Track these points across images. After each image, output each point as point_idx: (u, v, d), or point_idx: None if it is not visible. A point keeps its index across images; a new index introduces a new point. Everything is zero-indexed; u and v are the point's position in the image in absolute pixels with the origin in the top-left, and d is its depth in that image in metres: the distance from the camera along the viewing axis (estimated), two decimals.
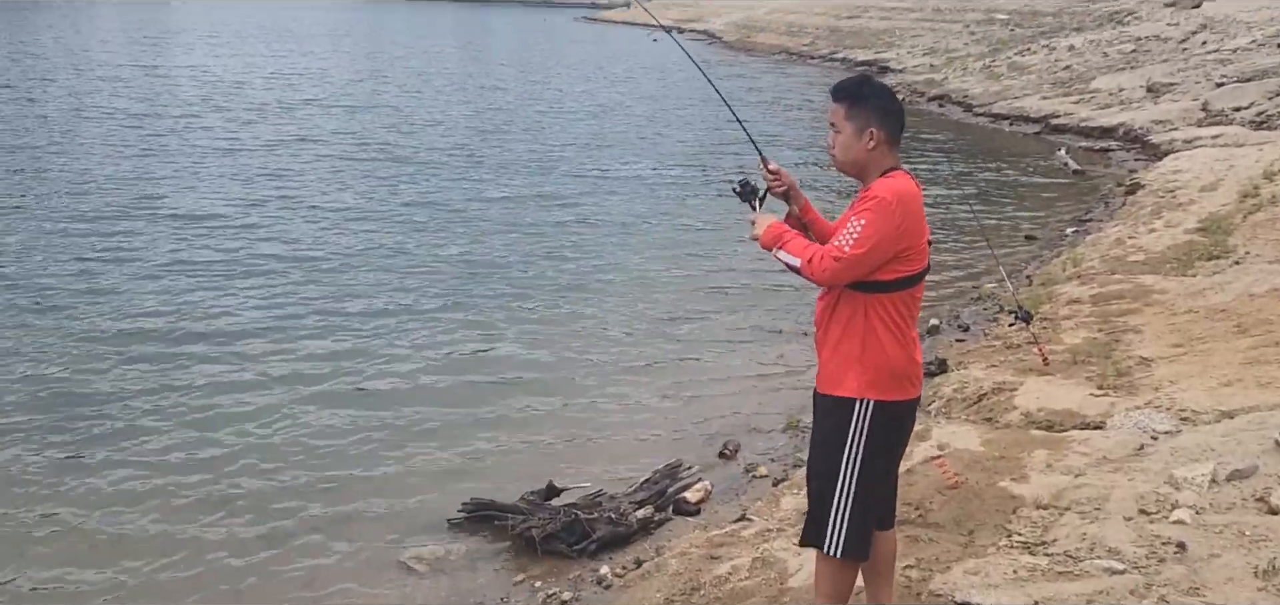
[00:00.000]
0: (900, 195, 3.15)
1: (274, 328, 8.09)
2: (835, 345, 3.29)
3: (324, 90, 24.25)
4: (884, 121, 3.27)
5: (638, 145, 17.51)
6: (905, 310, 3.25)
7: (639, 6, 5.31)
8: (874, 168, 3.27)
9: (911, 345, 3.29)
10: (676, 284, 9.74)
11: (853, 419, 3.25)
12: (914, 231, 3.19)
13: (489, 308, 8.79)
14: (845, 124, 3.28)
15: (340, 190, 12.92)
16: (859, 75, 3.45)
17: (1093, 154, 17.97)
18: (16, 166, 13.57)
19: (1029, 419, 5.64)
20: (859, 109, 3.27)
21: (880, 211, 3.12)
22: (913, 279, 3.24)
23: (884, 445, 3.32)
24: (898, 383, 3.27)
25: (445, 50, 41.81)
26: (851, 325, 3.24)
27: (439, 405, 6.84)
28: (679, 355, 7.94)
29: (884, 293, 3.20)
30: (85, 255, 9.69)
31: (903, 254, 3.16)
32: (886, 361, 3.22)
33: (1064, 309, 7.70)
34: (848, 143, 3.28)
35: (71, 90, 22.13)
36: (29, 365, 7.15)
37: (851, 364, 3.24)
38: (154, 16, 63.27)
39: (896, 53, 35.22)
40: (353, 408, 6.75)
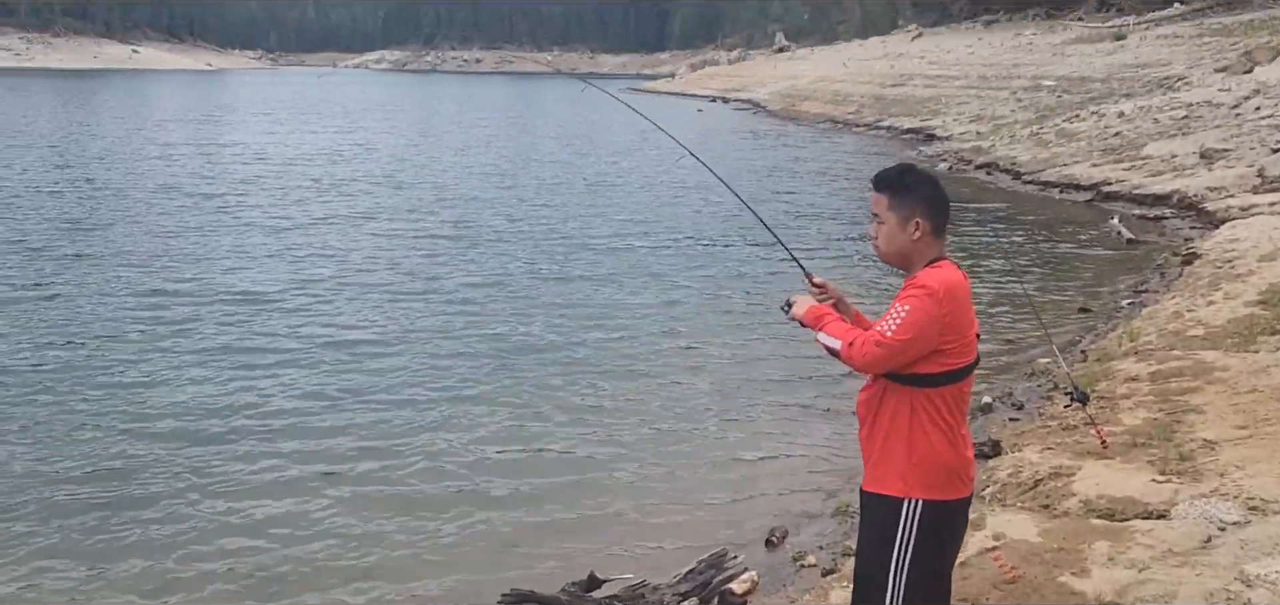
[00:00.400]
0: (948, 285, 3.07)
1: (315, 409, 8.05)
2: (881, 441, 3.18)
3: (372, 166, 24.61)
4: (930, 212, 3.20)
5: (682, 219, 17.46)
6: (954, 405, 3.14)
7: (684, 79, 5.22)
8: (919, 258, 3.19)
9: (961, 442, 3.17)
10: (720, 362, 9.61)
11: (901, 519, 3.13)
12: (961, 323, 3.09)
13: (531, 389, 8.69)
14: (888, 214, 3.21)
15: (386, 269, 12.94)
16: (901, 164, 3.38)
17: (1146, 222, 17.65)
18: (69, 248, 13.76)
19: (1088, 507, 5.42)
20: (903, 199, 3.20)
21: (926, 299, 3.04)
22: (961, 373, 3.13)
23: (935, 547, 3.18)
24: (948, 481, 3.14)
25: (493, 123, 42.24)
26: (897, 420, 3.13)
27: (479, 490, 6.74)
28: (723, 436, 7.79)
29: (931, 387, 3.10)
30: (132, 337, 9.75)
31: (949, 347, 3.07)
32: (935, 459, 3.10)
33: (1122, 387, 7.47)
34: (892, 233, 3.21)
35: (128, 169, 22.63)
36: (71, 447, 7.16)
37: (898, 461, 3.13)
38: (208, 92, 64.89)
39: (942, 120, 35.06)
40: (392, 492, 6.66)
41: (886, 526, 3.15)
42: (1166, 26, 43.89)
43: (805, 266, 3.69)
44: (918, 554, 3.13)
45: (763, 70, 70.81)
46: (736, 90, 61.17)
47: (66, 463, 6.90)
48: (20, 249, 13.60)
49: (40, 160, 23.96)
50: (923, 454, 3.10)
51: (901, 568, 3.13)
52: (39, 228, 15.15)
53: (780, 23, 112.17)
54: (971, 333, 3.17)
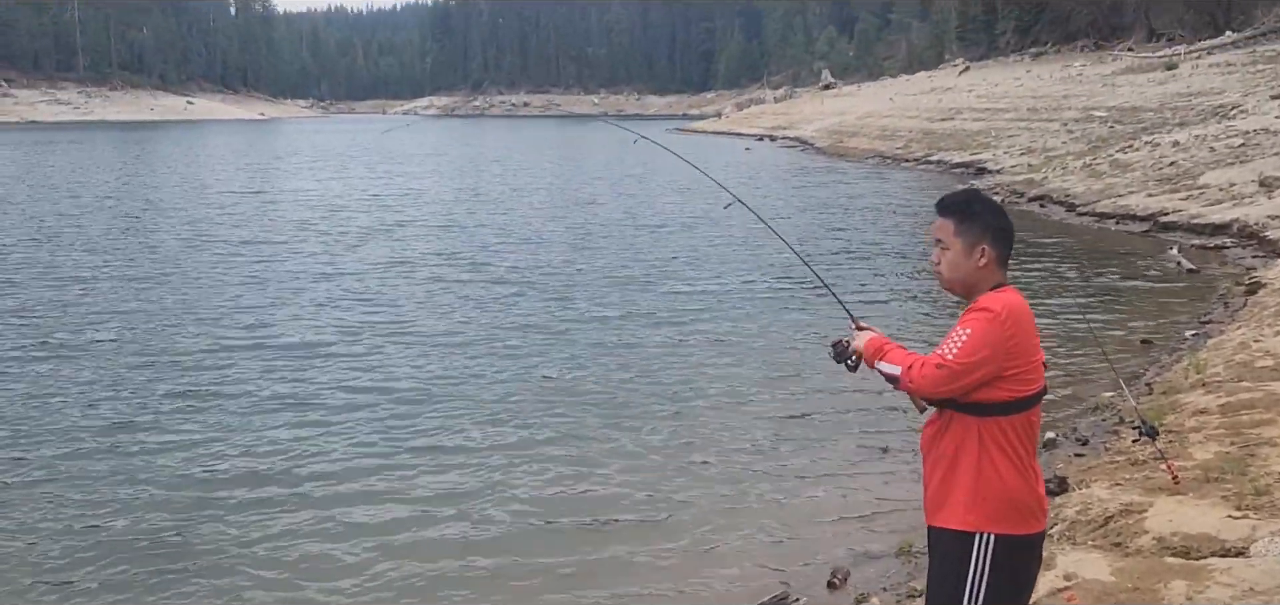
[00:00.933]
0: (1011, 307, 3.01)
1: (369, 460, 7.96)
2: (947, 474, 3.09)
3: (421, 210, 24.82)
4: (996, 239, 3.14)
5: (731, 259, 17.38)
6: (1023, 435, 3.05)
7: (730, 118, 5.21)
8: (983, 287, 3.12)
9: (1032, 475, 3.09)
10: (774, 402, 9.50)
11: (973, 555, 3.03)
12: (1026, 348, 3.02)
13: (585, 433, 8.62)
14: (954, 240, 3.15)
15: (437, 316, 12.85)
16: (967, 190, 3.33)
17: (1206, 252, 17.31)
18: (125, 301, 13.85)
19: (1162, 545, 5.27)
20: (970, 225, 3.14)
21: (989, 321, 2.98)
22: (1029, 401, 3.05)
23: (1009, 585, 3.07)
24: (1020, 515, 3.05)
25: (540, 165, 42.50)
26: (964, 452, 3.05)
27: (536, 534, 6.69)
28: (779, 476, 7.67)
29: (1000, 416, 3.01)
30: (188, 391, 9.67)
31: (1015, 372, 2.99)
32: (1005, 491, 3.01)
33: (1190, 420, 7.28)
34: (956, 260, 3.15)
35: (185, 219, 23.02)
36: (125, 502, 7.11)
37: (966, 495, 3.04)
38: (261, 140, 66.05)
39: (993, 153, 34.74)
40: (451, 545, 6.59)
41: (958, 563, 3.05)
42: (1218, 55, 43.28)
43: (851, 310, 3.65)
44: (991, 592, 3.03)
45: (809, 108, 70.77)
46: (784, 128, 61.14)
47: (120, 519, 6.82)
48: (77, 301, 13.76)
49: (98, 212, 24.49)
50: (992, 487, 3.01)
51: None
52: (96, 280, 15.33)
53: (825, 60, 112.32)
54: (1038, 359, 3.09)
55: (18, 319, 12.59)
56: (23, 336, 11.69)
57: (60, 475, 7.53)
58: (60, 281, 15.07)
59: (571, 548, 6.47)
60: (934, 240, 3.23)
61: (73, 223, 22.19)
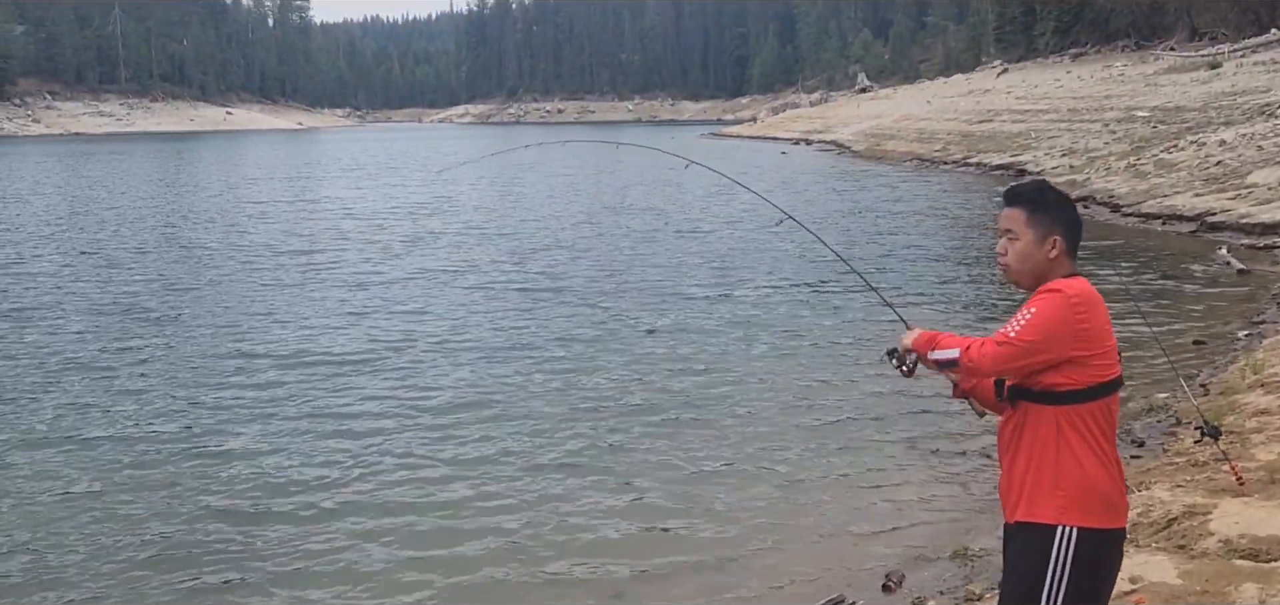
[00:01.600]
0: (1083, 292, 2.93)
1: (412, 476, 7.80)
2: (1026, 465, 3.00)
3: (461, 220, 24.62)
4: (1068, 230, 3.08)
5: (773, 263, 17.25)
6: (1103, 424, 2.96)
7: (765, 122, 5.15)
8: (1052, 276, 3.04)
9: (1115, 466, 2.99)
10: (822, 406, 9.38)
11: (1054, 549, 2.92)
12: (1099, 333, 2.93)
13: (634, 441, 8.52)
14: (1025, 230, 3.07)
15: (481, 328, 12.64)
16: (1037, 180, 3.25)
17: (1256, 252, 16.99)
18: (164, 310, 13.86)
19: (1229, 547, 5.13)
20: (1041, 215, 3.06)
21: (1058, 300, 2.90)
22: (1109, 386, 2.96)
23: (1090, 582, 2.95)
24: (1103, 507, 2.94)
25: (578, 174, 42.58)
26: (1042, 442, 2.96)
27: (589, 543, 6.59)
28: (830, 479, 7.58)
29: (1080, 403, 2.92)
30: (229, 406, 9.50)
31: (1090, 356, 2.91)
32: (1088, 481, 2.91)
33: (1251, 421, 7.12)
34: (1027, 250, 3.06)
35: (225, 227, 23.25)
36: (161, 516, 7.01)
37: (1047, 486, 2.95)
38: (300, 149, 66.67)
39: (1033, 155, 34.39)
40: (497, 549, 6.55)
41: (1038, 556, 2.95)
42: (1263, 52, 42.63)
43: (900, 312, 3.57)
44: (1072, 588, 2.92)
45: (845, 111, 70.48)
46: (819, 132, 60.88)
47: (170, 529, 6.76)
48: (117, 311, 13.78)
49: (139, 221, 24.76)
50: (1073, 477, 2.92)
51: (1054, 601, 2.93)
52: (135, 289, 15.39)
53: (861, 63, 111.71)
54: (1112, 344, 2.99)
55: (56, 333, 12.52)
56: (64, 350, 11.63)
57: (111, 486, 7.49)
58: (102, 294, 15.04)
59: (620, 553, 6.40)
60: (1003, 231, 3.14)
61: (113, 231, 22.43)
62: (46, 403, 9.58)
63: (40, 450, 8.24)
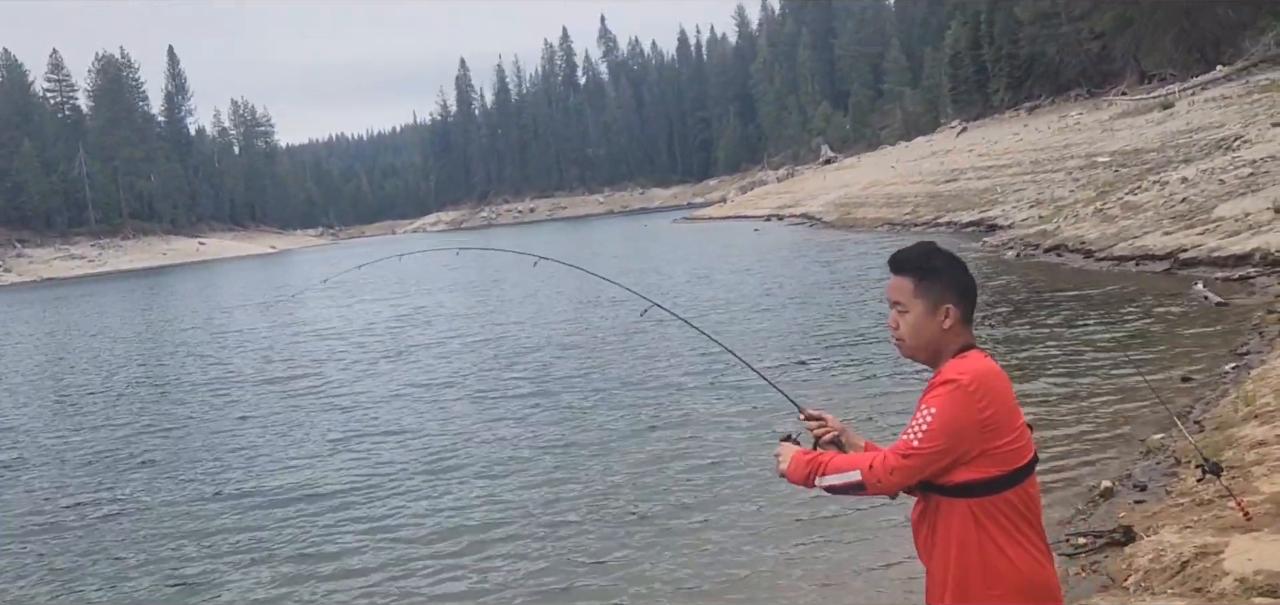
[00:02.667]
0: (979, 375, 2.74)
1: (418, 539, 8.16)
2: (950, 565, 2.80)
3: (442, 330, 24.27)
4: (960, 296, 2.88)
5: (755, 343, 17.31)
6: (1025, 509, 2.78)
7: (735, 202, 5.13)
8: (947, 349, 2.86)
9: (1043, 554, 2.81)
10: None
11: None
12: (1005, 418, 2.74)
13: (627, 527, 8.57)
14: (914, 302, 2.89)
15: (474, 444, 12.18)
16: (924, 243, 3.04)
17: (1231, 284, 17.18)
18: (139, 456, 13.17)
19: (1246, 585, 5.11)
20: (931, 282, 2.88)
21: (955, 395, 2.71)
22: (1024, 471, 2.78)
23: None
24: (1042, 598, 2.77)
25: (557, 272, 42.58)
26: (963, 539, 2.77)
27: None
28: (826, 545, 7.59)
29: (995, 494, 2.74)
30: (212, 553, 9.05)
31: (998, 447, 2.72)
32: (1019, 577, 2.74)
33: (1250, 454, 7.13)
34: (918, 323, 2.88)
35: (199, 362, 22.81)
36: None
37: (979, 587, 2.75)
38: (274, 273, 66.53)
39: (1001, 209, 34.82)
40: None
41: None
42: (1212, 89, 43.52)
43: (794, 398, 3.34)
44: None
45: (813, 184, 71.24)
46: (789, 206, 61.48)
47: None
48: (90, 462, 13.07)
49: (113, 363, 24.00)
50: (1003, 574, 2.73)
51: None
52: (111, 437, 14.69)
53: (823, 135, 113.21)
54: (1021, 423, 2.80)
55: (29, 490, 11.88)
56: (38, 509, 11.02)
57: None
58: (75, 447, 14.18)
59: None
60: (891, 302, 2.95)
61: (85, 379, 21.88)
62: (20, 563, 9.13)
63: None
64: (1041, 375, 12.35)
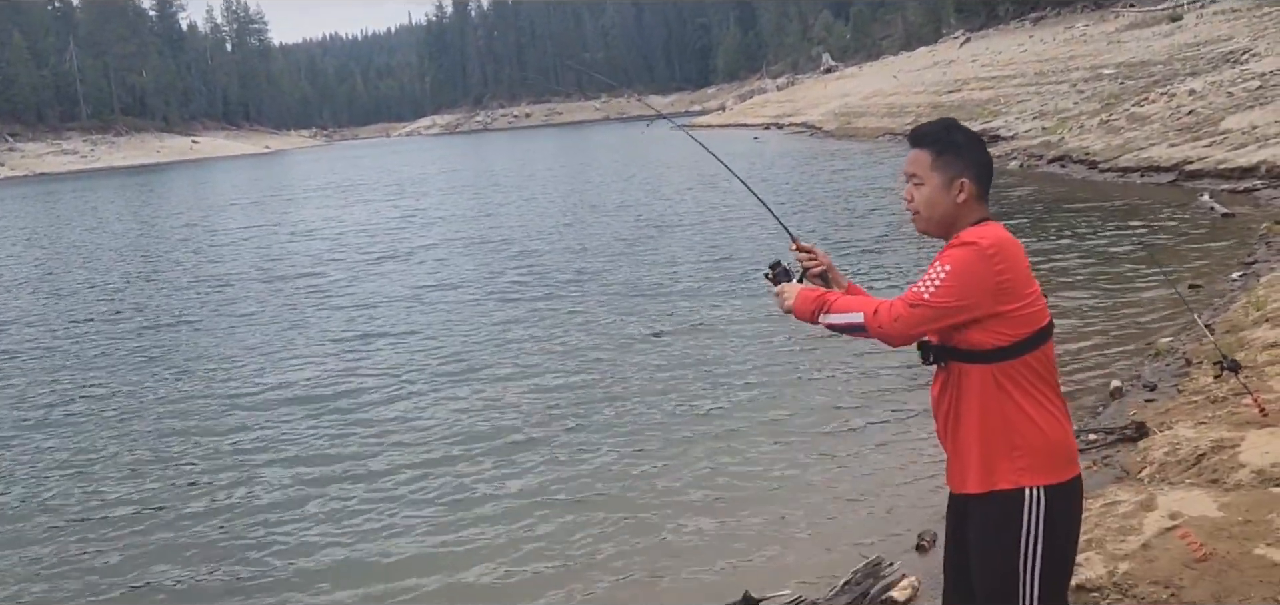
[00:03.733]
0: (999, 242, 2.73)
1: (431, 449, 8.06)
2: (974, 431, 2.80)
3: (443, 232, 24.09)
4: (977, 173, 2.87)
5: (753, 247, 17.25)
6: (1045, 371, 2.80)
7: (734, 110, 5.00)
8: (962, 224, 2.85)
9: (1063, 414, 2.83)
10: (831, 373, 9.38)
11: (1025, 516, 2.75)
12: (1020, 282, 2.75)
13: (642, 418, 8.61)
14: (931, 174, 2.87)
15: (481, 347, 12.06)
16: (944, 119, 3.02)
17: (1237, 195, 17.12)
18: (142, 352, 12.87)
19: (1263, 477, 5.12)
20: (948, 157, 2.87)
21: (972, 256, 2.71)
22: (1040, 336, 2.79)
23: (1064, 534, 2.82)
24: (1065, 460, 2.80)
25: (551, 177, 42.45)
26: (987, 403, 2.77)
27: (606, 517, 6.63)
28: (849, 450, 7.55)
29: (1015, 358, 2.75)
30: (217, 449, 8.87)
31: (1014, 310, 2.73)
32: (1043, 438, 2.76)
33: (1263, 355, 7.13)
34: (934, 196, 2.87)
35: (199, 259, 22.60)
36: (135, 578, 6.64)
37: (1003, 449, 2.77)
38: (270, 173, 66.09)
39: (1005, 120, 34.53)
40: (513, 526, 6.56)
41: (1009, 527, 2.77)
42: (1222, 2, 42.98)
43: (791, 228, 3.36)
44: (1048, 551, 2.76)
45: (813, 92, 70.65)
46: (790, 115, 60.98)
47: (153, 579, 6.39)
48: (89, 357, 12.82)
49: (110, 259, 23.57)
50: (1028, 436, 2.74)
51: (1032, 567, 2.77)
52: (109, 332, 14.43)
53: (823, 44, 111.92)
54: (1036, 289, 2.81)
55: (32, 383, 11.59)
56: (35, 400, 10.84)
57: (91, 544, 6.96)
58: (77, 343, 13.91)
59: (649, 532, 6.39)
60: (907, 175, 2.94)
61: (82, 270, 21.93)
62: (22, 456, 8.90)
63: (16, 512, 7.58)
64: (1049, 282, 12.34)
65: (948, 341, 2.83)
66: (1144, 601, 4.17)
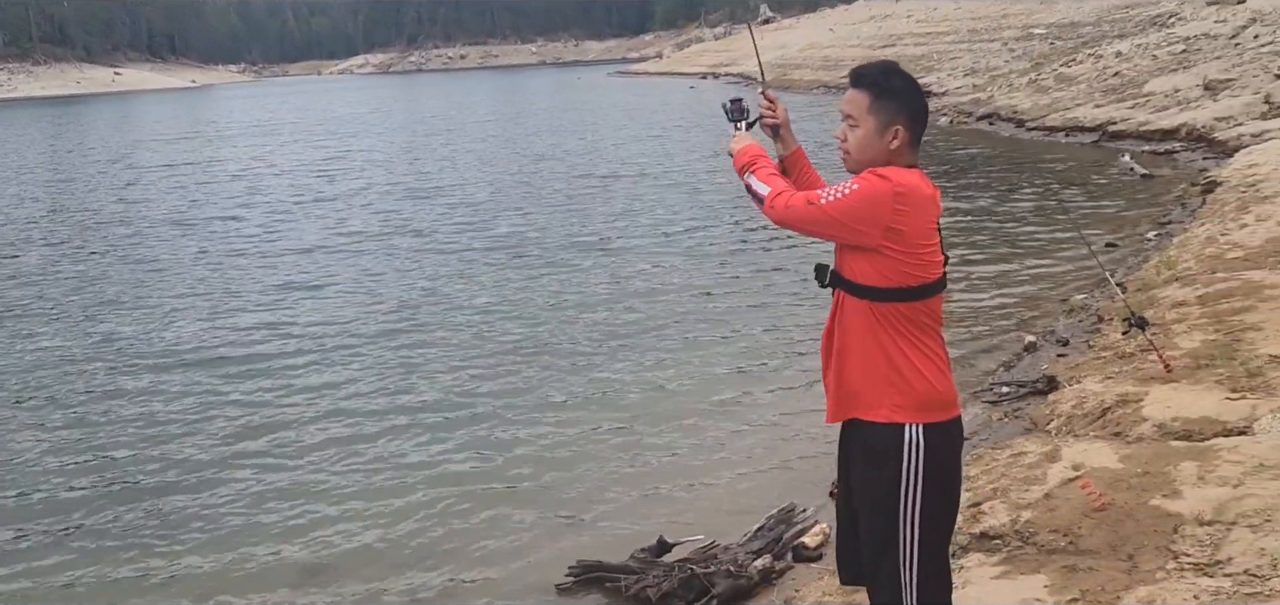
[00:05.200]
0: (910, 186, 2.75)
1: (362, 407, 7.94)
2: (855, 362, 2.85)
3: (375, 176, 23.44)
4: (912, 120, 2.86)
5: (689, 197, 17.27)
6: (928, 325, 2.83)
7: (671, 58, 4.94)
8: None
9: (944, 365, 2.87)
10: (750, 329, 9.47)
11: (905, 449, 2.79)
12: (917, 233, 2.76)
13: (568, 369, 8.62)
14: (867, 117, 2.85)
15: (410, 277, 12.39)
16: (885, 62, 2.99)
17: (1157, 157, 17.50)
18: (41, 303, 12.04)
19: (1164, 430, 5.27)
20: (885, 102, 2.84)
21: (879, 190, 2.72)
22: (929, 288, 2.81)
23: (946, 474, 2.87)
24: (939, 405, 2.84)
25: (490, 120, 42.02)
26: (867, 339, 2.82)
27: (529, 470, 6.62)
28: (769, 397, 7.67)
29: (896, 302, 2.78)
30: (137, 392, 9.01)
31: (899, 256, 2.75)
32: (921, 382, 2.80)
33: (1171, 313, 7.31)
34: (867, 140, 2.85)
35: (121, 198, 21.84)
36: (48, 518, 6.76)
37: (881, 383, 2.82)
38: (195, 108, 64.44)
39: (937, 76, 34.88)
40: (442, 481, 6.52)
41: (889, 458, 2.81)
42: None
43: (766, 81, 3.35)
44: (928, 482, 2.80)
45: (750, 43, 70.45)
46: (726, 65, 60.97)
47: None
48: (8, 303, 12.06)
49: (13, 198, 22.19)
50: (906, 377, 2.79)
51: (913, 502, 2.80)
52: (30, 272, 13.79)
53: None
54: (934, 246, 2.81)
55: None
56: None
57: None
58: None
59: (565, 484, 6.41)
60: (843, 115, 2.92)
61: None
62: None
63: None
64: (970, 237, 12.54)
65: (840, 269, 2.88)
66: (1044, 548, 4.27)
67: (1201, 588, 3.64)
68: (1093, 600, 3.73)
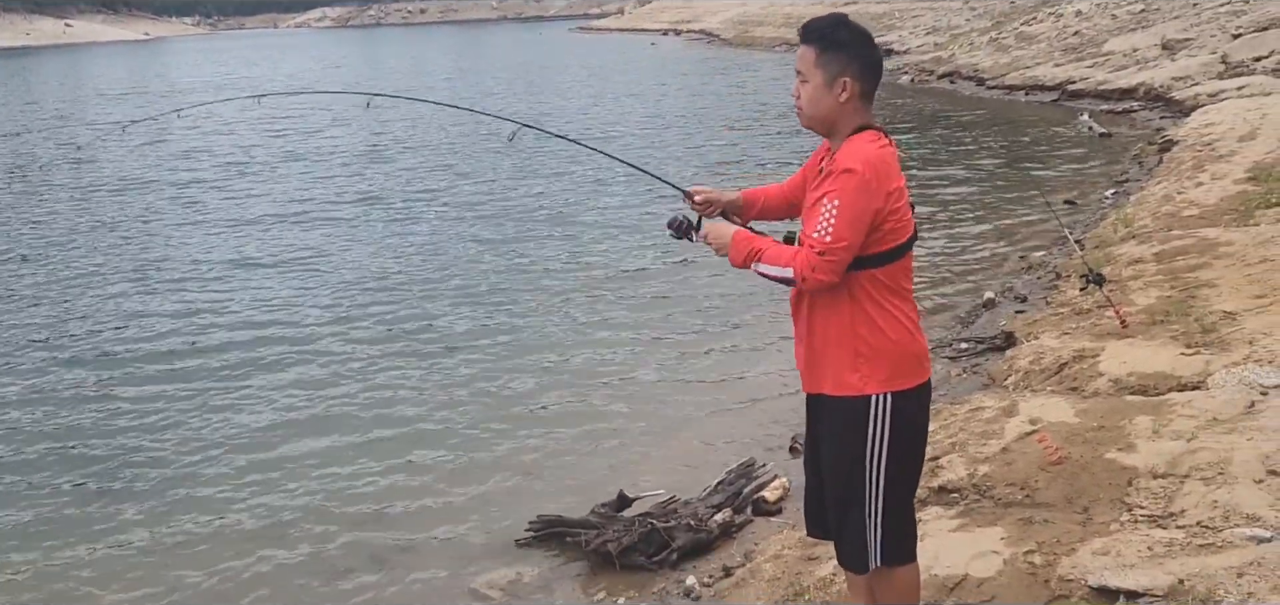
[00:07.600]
0: (874, 163, 2.73)
1: (323, 366, 7.87)
2: (825, 335, 2.86)
3: (331, 138, 22.54)
4: (861, 72, 2.83)
5: (655, 154, 17.13)
6: (897, 285, 2.84)
7: (633, 15, 4.83)
8: (845, 124, 2.84)
9: (913, 324, 2.88)
10: (715, 289, 9.38)
11: (871, 421, 2.83)
12: (894, 198, 2.76)
13: (530, 328, 8.60)
14: (815, 71, 2.83)
15: (370, 245, 12.03)
16: (834, 14, 2.95)
17: (1115, 116, 17.66)
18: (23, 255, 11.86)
19: (1119, 385, 5.33)
20: (832, 55, 2.82)
21: (856, 188, 2.71)
22: (900, 250, 2.82)
23: (910, 440, 2.91)
24: (912, 367, 2.86)
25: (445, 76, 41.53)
26: (838, 309, 2.82)
27: (491, 427, 6.60)
28: (731, 355, 7.69)
29: (873, 268, 2.78)
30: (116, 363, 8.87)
31: (885, 226, 2.76)
32: (891, 346, 2.81)
33: (1127, 270, 7.38)
34: (816, 94, 2.83)
35: (78, 156, 21.35)
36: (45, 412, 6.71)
37: (850, 357, 2.83)
38: (149, 63, 63.17)
39: (898, 35, 34.97)
40: (406, 438, 6.49)
41: (855, 429, 2.84)
42: None
43: (682, 187, 3.29)
44: (893, 450, 2.84)
45: (713, 0, 70.15)
46: (688, 22, 60.60)
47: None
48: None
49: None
50: (875, 345, 2.80)
51: (877, 468, 2.85)
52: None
53: None
54: (905, 203, 2.83)
55: None
56: None
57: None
58: None
59: (527, 441, 6.38)
60: (796, 71, 2.89)
61: None
62: None
63: None
64: (931, 195, 12.57)
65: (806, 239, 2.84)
66: (1001, 501, 4.30)
67: (1155, 539, 3.68)
68: (1048, 552, 3.76)
